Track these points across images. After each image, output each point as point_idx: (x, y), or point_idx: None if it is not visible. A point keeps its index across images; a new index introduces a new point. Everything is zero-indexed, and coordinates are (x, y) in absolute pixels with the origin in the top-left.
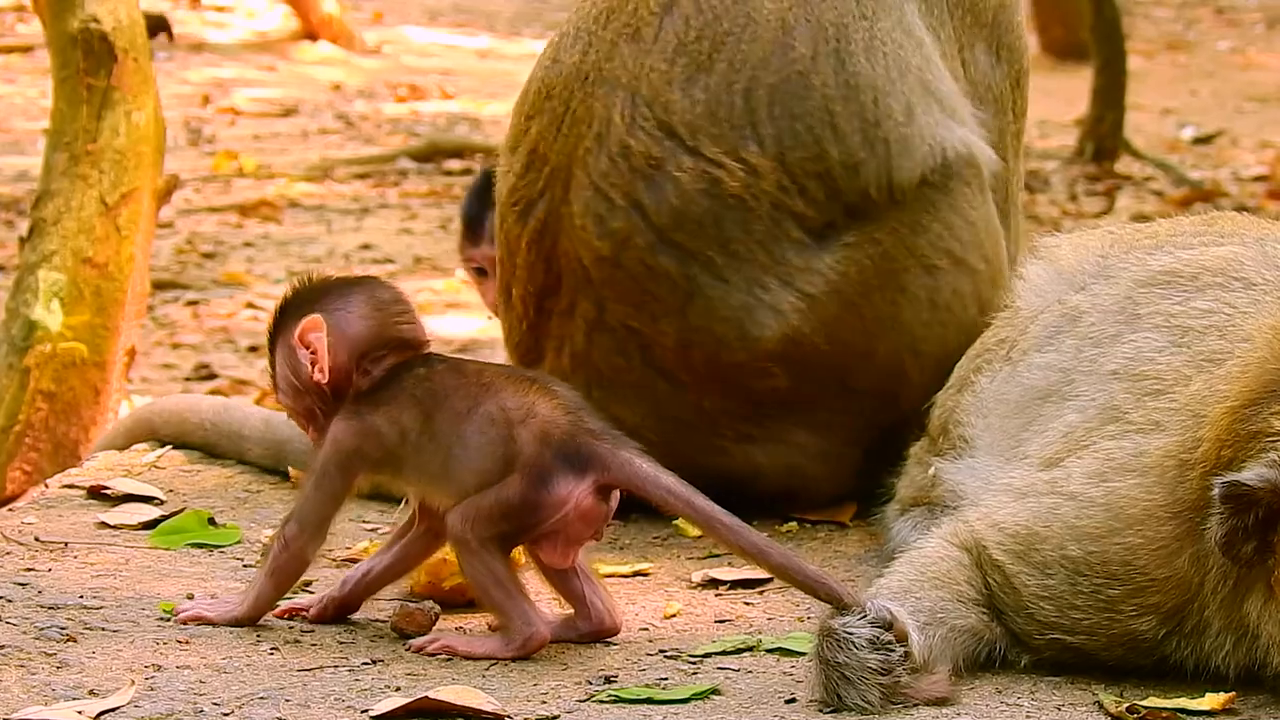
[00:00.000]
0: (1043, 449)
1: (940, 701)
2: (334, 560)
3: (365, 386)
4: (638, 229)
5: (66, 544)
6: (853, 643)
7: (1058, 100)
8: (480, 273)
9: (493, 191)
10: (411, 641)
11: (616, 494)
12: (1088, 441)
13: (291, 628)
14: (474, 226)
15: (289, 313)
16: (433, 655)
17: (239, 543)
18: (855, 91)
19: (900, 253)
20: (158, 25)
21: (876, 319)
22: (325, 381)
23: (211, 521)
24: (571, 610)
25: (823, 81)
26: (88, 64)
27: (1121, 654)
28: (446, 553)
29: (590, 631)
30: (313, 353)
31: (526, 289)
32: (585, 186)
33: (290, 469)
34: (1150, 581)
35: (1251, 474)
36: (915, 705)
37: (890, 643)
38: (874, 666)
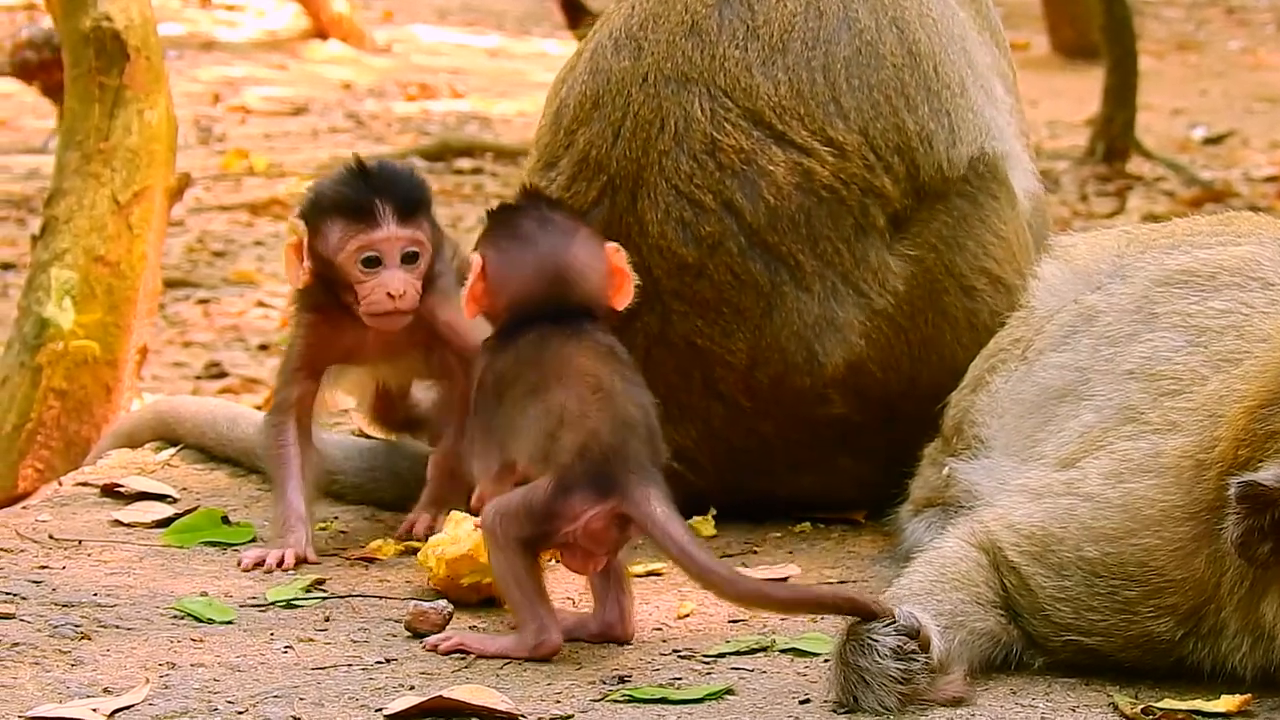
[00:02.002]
0: (1058, 449)
1: (956, 702)
2: (348, 559)
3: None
4: (730, 232)
5: (80, 542)
6: (876, 649)
7: (1068, 100)
8: (373, 263)
9: (373, 173)
10: (426, 639)
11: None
12: (1104, 442)
13: (304, 626)
14: (365, 211)
15: (494, 219)
16: (446, 653)
17: (254, 540)
18: (918, 60)
19: (940, 271)
20: None
21: (922, 342)
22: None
23: (225, 520)
24: (590, 607)
25: (890, 50)
26: (100, 62)
27: (1138, 655)
28: (473, 549)
29: (598, 633)
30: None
31: None
32: (664, 192)
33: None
34: (1167, 583)
35: (1268, 474)
36: (931, 706)
37: (914, 652)
38: (894, 675)
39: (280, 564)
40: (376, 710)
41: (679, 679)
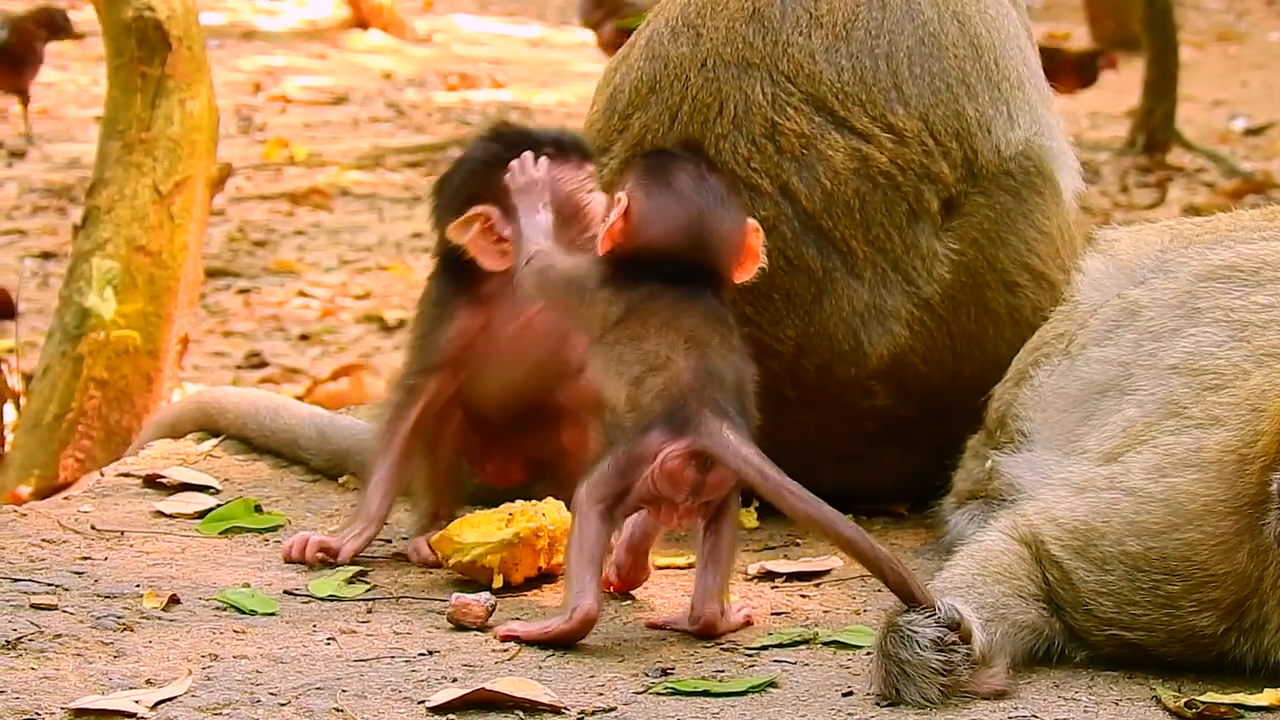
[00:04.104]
0: (1101, 443)
1: (998, 695)
2: (388, 552)
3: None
4: (784, 217)
5: (123, 533)
6: (917, 641)
7: (1108, 92)
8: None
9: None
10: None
11: (722, 471)
12: (1147, 436)
13: (347, 617)
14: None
15: (649, 161)
16: (501, 640)
17: (286, 523)
18: (979, 52)
19: (982, 267)
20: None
21: (964, 336)
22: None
23: (258, 509)
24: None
25: (952, 41)
26: (142, 52)
27: (1180, 650)
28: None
29: (697, 631)
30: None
31: None
32: None
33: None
34: (1210, 577)
35: None
36: (973, 699)
37: (954, 643)
38: (935, 667)
39: (306, 548)
40: (419, 702)
41: (721, 671)
